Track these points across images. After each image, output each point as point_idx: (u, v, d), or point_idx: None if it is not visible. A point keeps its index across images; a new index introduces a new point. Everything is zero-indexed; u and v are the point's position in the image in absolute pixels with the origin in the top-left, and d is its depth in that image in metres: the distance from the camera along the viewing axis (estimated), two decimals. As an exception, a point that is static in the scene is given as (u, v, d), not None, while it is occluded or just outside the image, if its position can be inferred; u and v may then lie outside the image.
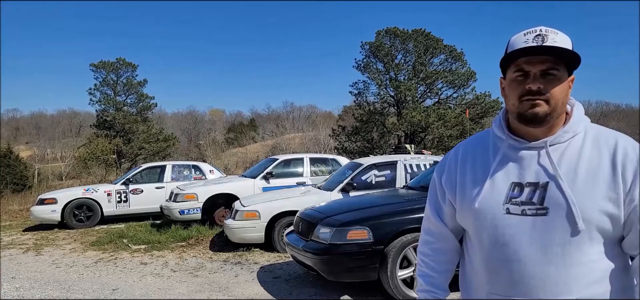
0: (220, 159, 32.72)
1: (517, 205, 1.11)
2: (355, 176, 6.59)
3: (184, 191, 8.19)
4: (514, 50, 1.09)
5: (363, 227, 4.14)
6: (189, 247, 6.98)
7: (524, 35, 1.10)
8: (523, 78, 1.10)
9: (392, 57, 26.55)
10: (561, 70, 1.09)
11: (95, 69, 31.00)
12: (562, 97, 1.10)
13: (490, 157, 1.19)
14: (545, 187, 1.09)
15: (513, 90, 1.12)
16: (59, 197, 9.36)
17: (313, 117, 49.39)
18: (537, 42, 1.06)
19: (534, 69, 1.08)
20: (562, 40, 1.08)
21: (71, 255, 6.72)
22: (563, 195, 1.06)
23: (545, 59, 1.07)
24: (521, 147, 1.14)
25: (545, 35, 1.07)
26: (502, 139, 1.18)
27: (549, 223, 1.07)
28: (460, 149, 1.30)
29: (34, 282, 5.31)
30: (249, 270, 5.51)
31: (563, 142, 1.12)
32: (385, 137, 26.39)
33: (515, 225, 1.10)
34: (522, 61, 1.09)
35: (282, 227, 6.22)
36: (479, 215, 1.16)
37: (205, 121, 61.14)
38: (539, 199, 1.09)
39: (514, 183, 1.13)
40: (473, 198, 1.17)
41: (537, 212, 1.08)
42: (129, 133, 30.52)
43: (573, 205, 1.04)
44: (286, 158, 9.19)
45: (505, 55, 1.13)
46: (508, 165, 1.15)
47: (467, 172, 1.22)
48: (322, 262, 4.23)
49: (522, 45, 1.08)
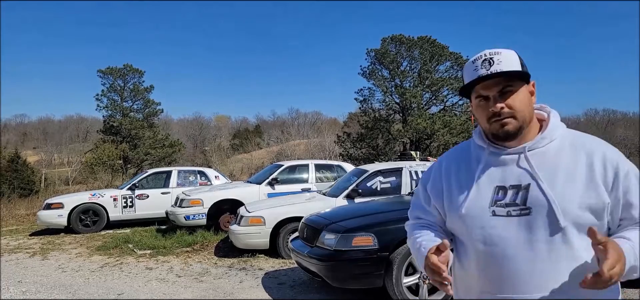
0: (225, 165, 32.81)
1: (502, 207, 1.18)
2: (361, 183, 6.58)
3: (189, 197, 8.21)
4: (470, 81, 1.20)
5: (368, 233, 4.12)
6: (194, 252, 6.99)
7: (473, 63, 1.20)
8: (485, 102, 1.20)
9: (397, 64, 26.57)
10: (515, 84, 1.18)
11: (102, 75, 31.33)
12: (525, 106, 1.18)
13: (474, 164, 1.27)
14: (527, 189, 1.16)
15: (480, 114, 1.22)
16: (65, 202, 9.41)
17: (318, 124, 49.44)
18: (485, 68, 1.17)
19: (491, 92, 1.18)
20: (506, 59, 1.17)
21: (77, 260, 6.75)
22: (544, 194, 1.13)
23: (498, 80, 1.17)
24: (502, 153, 1.22)
25: (491, 59, 1.17)
26: (484, 147, 1.26)
27: (532, 222, 1.14)
28: (444, 160, 1.37)
29: (40, 286, 5.34)
30: (254, 276, 5.51)
31: (541, 147, 1.19)
32: (390, 144, 26.35)
33: (502, 226, 1.17)
34: (479, 88, 1.20)
35: (287, 233, 6.21)
36: (466, 219, 1.22)
37: (210, 127, 61.38)
38: (521, 200, 1.16)
39: (497, 186, 1.20)
40: (460, 204, 1.23)
41: (521, 213, 1.15)
42: (135, 139, 30.72)
43: (553, 203, 1.11)
44: (291, 164, 9.20)
45: (464, 86, 1.23)
46: (491, 171, 1.22)
47: (452, 180, 1.29)
48: (327, 269, 4.22)
49: (474, 75, 1.19)
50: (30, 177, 22.26)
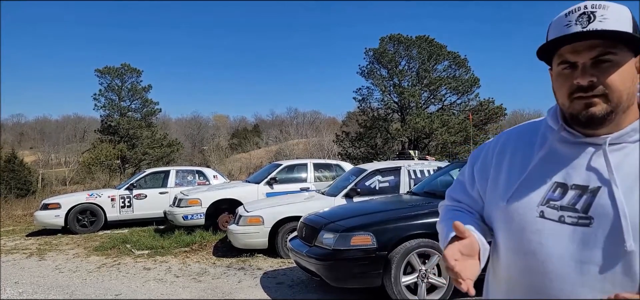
0: (224, 165, 32.76)
1: (555, 209, 0.91)
2: (359, 182, 6.57)
3: (187, 196, 8.19)
4: (552, 40, 0.90)
5: (367, 232, 4.11)
6: (193, 252, 6.97)
7: (566, 17, 0.89)
8: (570, 70, 0.89)
9: (396, 63, 26.59)
10: (619, 52, 0.86)
11: (100, 74, 31.25)
12: (626, 86, 0.87)
13: (535, 149, 0.99)
14: (595, 193, 0.88)
15: (561, 86, 0.91)
16: (62, 202, 9.37)
17: (317, 123, 49.42)
18: (581, 24, 0.86)
19: (582, 59, 0.87)
20: (614, 15, 0.86)
21: (74, 260, 6.72)
22: (614, 204, 0.85)
23: (594, 43, 0.86)
24: (575, 141, 0.93)
25: (591, 14, 0.86)
26: (554, 130, 0.97)
27: (590, 236, 0.86)
28: (503, 136, 1.10)
29: (37, 287, 5.31)
30: (252, 275, 5.49)
31: (630, 142, 0.89)
32: (389, 143, 26.37)
33: (547, 232, 0.91)
34: (565, 50, 0.89)
35: (285, 232, 6.20)
36: (507, 214, 0.98)
37: (209, 127, 61.32)
38: (583, 206, 0.88)
39: (556, 183, 0.93)
40: (503, 194, 0.99)
41: (579, 222, 0.88)
42: (133, 138, 30.66)
43: (624, 217, 0.83)
44: (290, 164, 9.19)
45: (543, 45, 0.92)
46: (553, 161, 0.95)
47: (504, 163, 1.03)
48: (326, 268, 4.21)
49: (563, 31, 0.88)
50: (27, 178, 22.19)
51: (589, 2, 0.88)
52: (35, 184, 22.57)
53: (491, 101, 25.75)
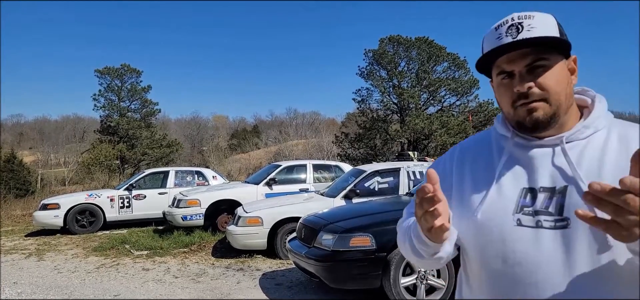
0: (223, 165, 32.76)
1: (530, 215, 0.90)
2: (358, 183, 6.58)
3: (186, 197, 8.19)
4: (487, 52, 0.93)
5: (366, 234, 4.12)
6: (192, 253, 6.96)
7: (496, 30, 0.93)
8: (509, 80, 0.92)
9: (395, 64, 26.61)
10: (551, 57, 0.90)
11: (99, 74, 31.20)
12: (562, 87, 0.90)
13: (495, 158, 0.99)
14: (564, 193, 0.88)
15: (503, 96, 0.94)
16: (61, 203, 9.37)
17: (316, 124, 49.42)
18: (511, 35, 0.89)
19: (517, 67, 0.90)
20: (540, 23, 0.90)
21: (73, 261, 6.72)
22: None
23: (526, 51, 0.89)
24: (531, 145, 0.94)
25: (519, 24, 0.90)
26: (507, 137, 0.98)
27: (572, 238, 0.85)
28: (457, 149, 1.09)
29: (36, 288, 5.30)
30: (251, 276, 5.49)
31: (582, 139, 0.91)
32: (388, 144, 26.38)
33: (528, 240, 0.89)
34: (501, 61, 0.92)
35: (284, 233, 6.20)
36: (483, 228, 0.95)
37: (208, 127, 61.29)
38: (556, 207, 0.88)
39: (525, 188, 0.92)
40: (475, 207, 0.96)
41: (556, 224, 0.87)
42: (132, 139, 30.63)
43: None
44: (289, 164, 9.20)
45: (480, 58, 0.95)
46: (516, 167, 0.95)
47: (465, 176, 1.02)
48: (325, 269, 4.21)
49: (496, 44, 0.91)
50: (27, 178, 22.19)
51: (516, 13, 0.92)
52: (34, 184, 22.55)
53: (490, 103, 25.76)
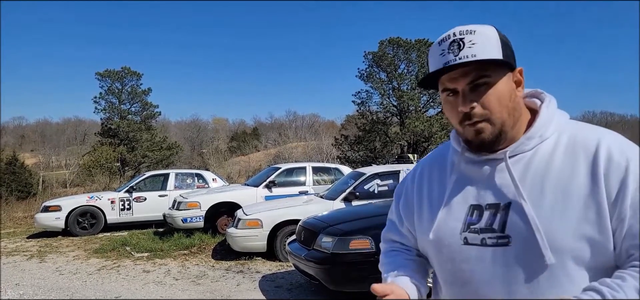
0: (223, 168, 32.77)
1: (476, 233, 0.90)
2: (358, 185, 6.60)
3: (186, 199, 8.22)
4: (430, 73, 0.91)
5: (366, 236, 4.14)
6: (192, 255, 6.99)
7: (439, 45, 0.90)
8: (454, 97, 0.90)
9: (395, 66, 26.64)
10: (492, 74, 0.87)
11: (100, 77, 31.29)
12: (505, 104, 0.88)
13: (448, 175, 0.99)
14: (507, 210, 0.87)
15: (450, 113, 0.93)
16: (63, 205, 9.40)
17: (316, 126, 49.46)
18: (453, 52, 0.87)
19: (460, 85, 0.88)
20: (481, 38, 0.86)
21: (74, 263, 6.75)
22: (525, 219, 0.84)
23: (467, 70, 0.87)
24: (480, 160, 0.93)
25: (461, 40, 0.87)
26: (458, 152, 0.97)
27: (511, 255, 0.85)
28: (418, 167, 1.10)
29: (38, 289, 5.34)
30: (251, 279, 5.52)
31: (527, 151, 0.89)
32: (388, 146, 26.39)
33: (474, 258, 0.89)
34: (444, 79, 0.90)
35: (284, 235, 6.23)
36: (435, 247, 0.96)
37: (208, 130, 61.30)
38: (499, 224, 0.87)
39: (472, 206, 0.92)
40: (428, 227, 0.97)
41: (498, 242, 0.86)
42: (132, 141, 30.67)
43: (538, 231, 0.82)
44: (289, 167, 9.22)
45: (423, 79, 0.93)
46: (466, 184, 0.94)
47: (423, 195, 1.03)
48: (324, 272, 4.23)
49: (438, 61, 0.89)
50: (28, 180, 22.23)
51: (457, 28, 0.89)
52: (36, 186, 22.58)
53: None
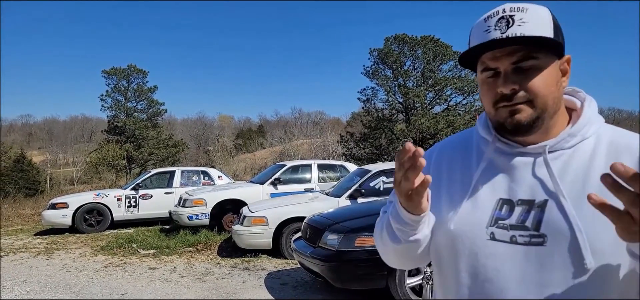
0: (228, 165, 32.89)
1: (505, 229, 0.83)
2: (364, 183, 6.57)
3: (192, 196, 8.24)
4: (472, 48, 0.84)
5: (371, 234, 4.10)
6: (197, 252, 7.01)
7: (485, 22, 0.83)
8: (494, 78, 0.83)
9: (400, 63, 26.54)
10: (541, 56, 0.81)
11: (106, 75, 31.44)
12: (550, 90, 0.82)
13: (474, 163, 0.92)
14: (543, 208, 0.81)
15: (486, 95, 0.85)
16: (70, 202, 9.46)
17: (321, 124, 49.41)
18: (500, 29, 0.80)
19: (502, 65, 0.82)
20: (533, 18, 0.80)
21: (81, 260, 6.79)
22: (566, 218, 0.78)
23: (514, 49, 0.80)
24: (513, 152, 0.87)
25: (510, 17, 0.80)
26: (488, 141, 0.91)
27: (546, 256, 0.79)
28: (435, 151, 1.01)
29: (45, 286, 5.37)
30: (257, 276, 5.51)
31: (567, 148, 0.84)
32: (393, 143, 26.32)
33: (501, 255, 0.83)
34: (486, 57, 0.83)
35: (289, 233, 6.22)
36: (455, 239, 0.88)
37: (214, 127, 61.57)
38: (533, 222, 0.81)
39: (502, 200, 0.86)
40: (449, 217, 0.89)
41: (531, 241, 0.81)
42: (139, 139, 30.83)
43: (579, 232, 0.77)
44: (294, 164, 9.21)
45: (463, 54, 0.86)
46: (495, 176, 0.88)
47: (442, 181, 0.94)
48: (330, 269, 4.21)
49: (482, 37, 0.82)
50: (36, 177, 22.43)
51: (508, 4, 0.82)
52: (43, 183, 22.81)
53: (497, 102, 25.66)
